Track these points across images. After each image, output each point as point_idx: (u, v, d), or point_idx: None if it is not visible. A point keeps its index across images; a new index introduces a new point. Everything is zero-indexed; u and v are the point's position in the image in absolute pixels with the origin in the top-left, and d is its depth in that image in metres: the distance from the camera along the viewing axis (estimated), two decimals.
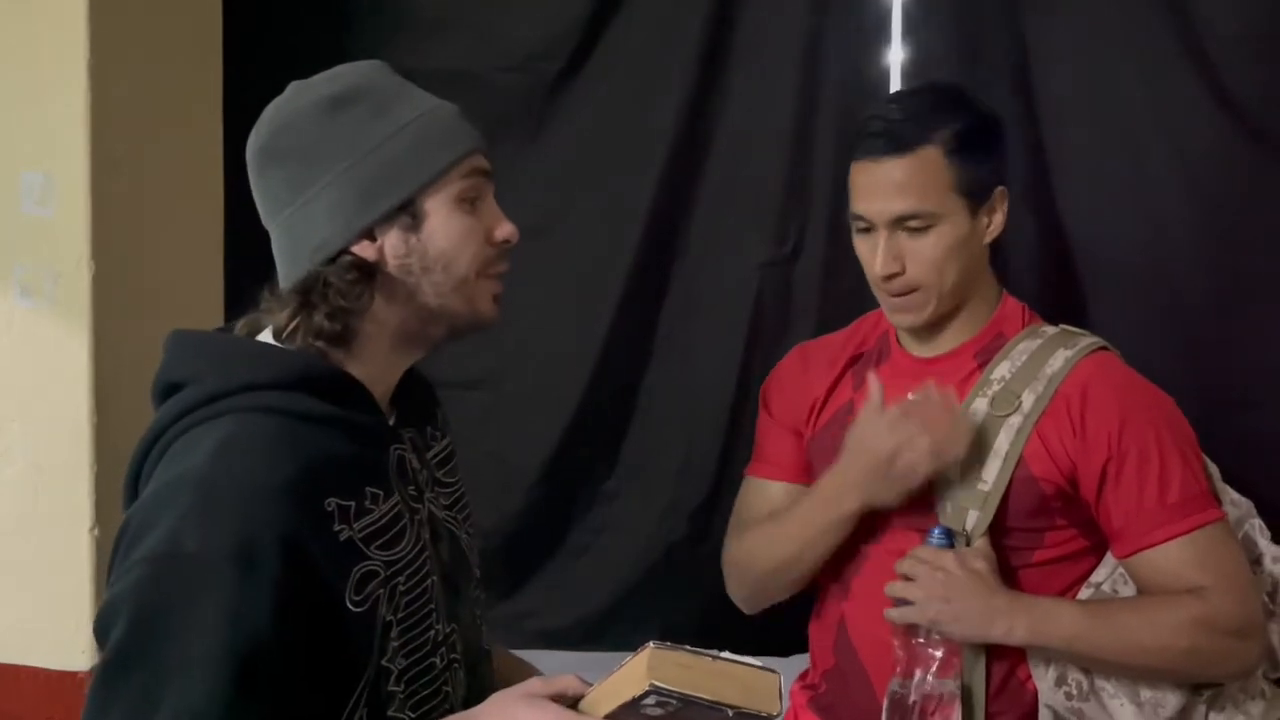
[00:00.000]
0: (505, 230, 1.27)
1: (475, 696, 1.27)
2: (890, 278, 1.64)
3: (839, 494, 1.65)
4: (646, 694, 1.06)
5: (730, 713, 1.08)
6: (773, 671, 1.12)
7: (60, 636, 2.11)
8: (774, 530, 1.74)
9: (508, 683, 1.22)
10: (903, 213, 1.61)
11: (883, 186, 1.62)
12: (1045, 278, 2.26)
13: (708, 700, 1.07)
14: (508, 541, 2.48)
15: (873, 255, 1.64)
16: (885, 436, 1.59)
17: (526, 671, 1.43)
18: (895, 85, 2.33)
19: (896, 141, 1.61)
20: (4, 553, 2.15)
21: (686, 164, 2.45)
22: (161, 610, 1.08)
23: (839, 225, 2.49)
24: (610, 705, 1.10)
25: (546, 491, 2.52)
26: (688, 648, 1.10)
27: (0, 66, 2.13)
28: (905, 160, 1.61)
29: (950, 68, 2.28)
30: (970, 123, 1.65)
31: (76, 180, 2.10)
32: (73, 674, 2.10)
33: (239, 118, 2.41)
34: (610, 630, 2.48)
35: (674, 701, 1.07)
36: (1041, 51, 2.26)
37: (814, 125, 2.40)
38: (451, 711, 1.23)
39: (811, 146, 2.40)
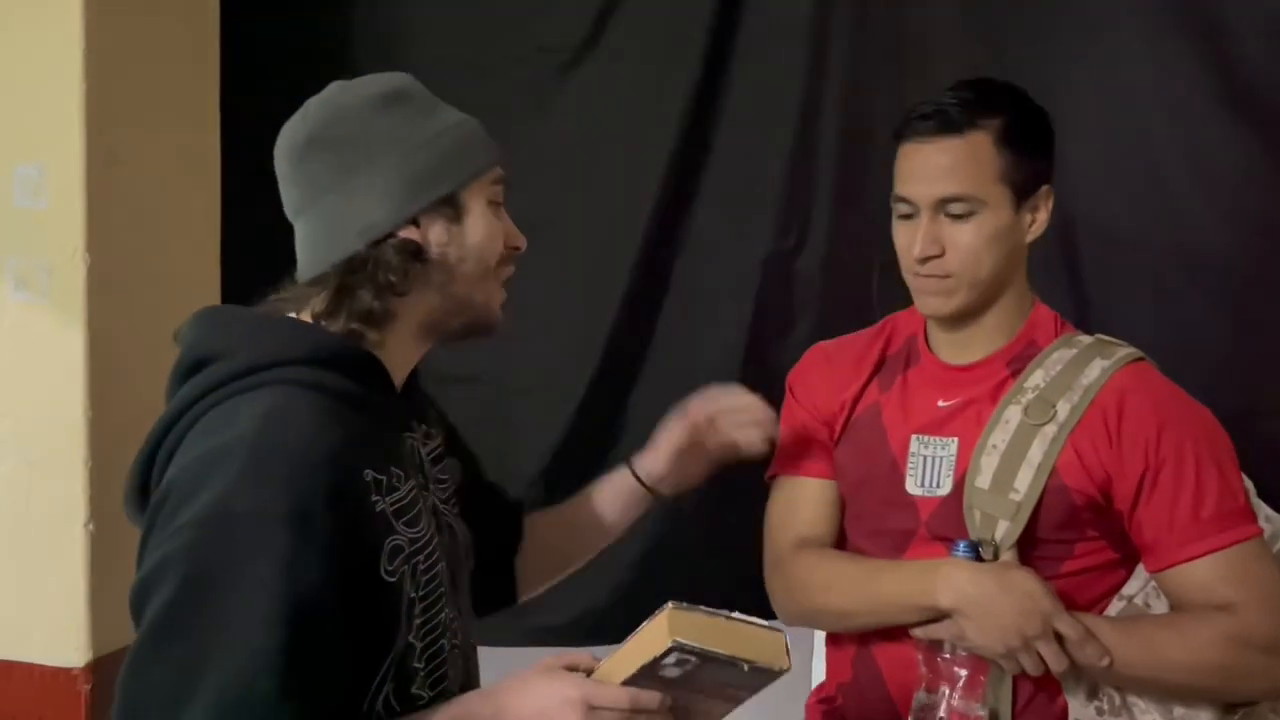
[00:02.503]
0: (520, 238, 1.35)
1: (465, 687, 1.29)
2: (926, 260, 1.60)
3: (942, 587, 1.54)
4: (669, 651, 1.09)
5: (746, 668, 1.12)
6: (779, 630, 1.16)
7: (55, 633, 2.10)
8: (863, 579, 1.64)
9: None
10: (947, 195, 1.58)
11: (929, 168, 1.59)
12: (1053, 275, 2.23)
13: (726, 656, 1.11)
14: None
15: (912, 239, 1.60)
16: (1029, 623, 1.51)
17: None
18: (896, 81, 2.32)
19: (946, 124, 1.58)
20: None
21: (691, 157, 2.45)
22: (215, 570, 1.10)
23: (842, 219, 2.49)
24: (628, 670, 1.12)
25: (547, 486, 2.50)
26: (704, 608, 1.13)
27: None
28: (954, 142, 1.58)
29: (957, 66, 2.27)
30: (1021, 115, 1.62)
31: (71, 173, 2.09)
32: (67, 670, 2.09)
33: (235, 110, 2.42)
34: (611, 626, 2.46)
35: (693, 659, 1.10)
36: (1053, 48, 2.24)
37: (818, 120, 2.39)
38: (453, 695, 1.25)
39: (815, 141, 2.39)
